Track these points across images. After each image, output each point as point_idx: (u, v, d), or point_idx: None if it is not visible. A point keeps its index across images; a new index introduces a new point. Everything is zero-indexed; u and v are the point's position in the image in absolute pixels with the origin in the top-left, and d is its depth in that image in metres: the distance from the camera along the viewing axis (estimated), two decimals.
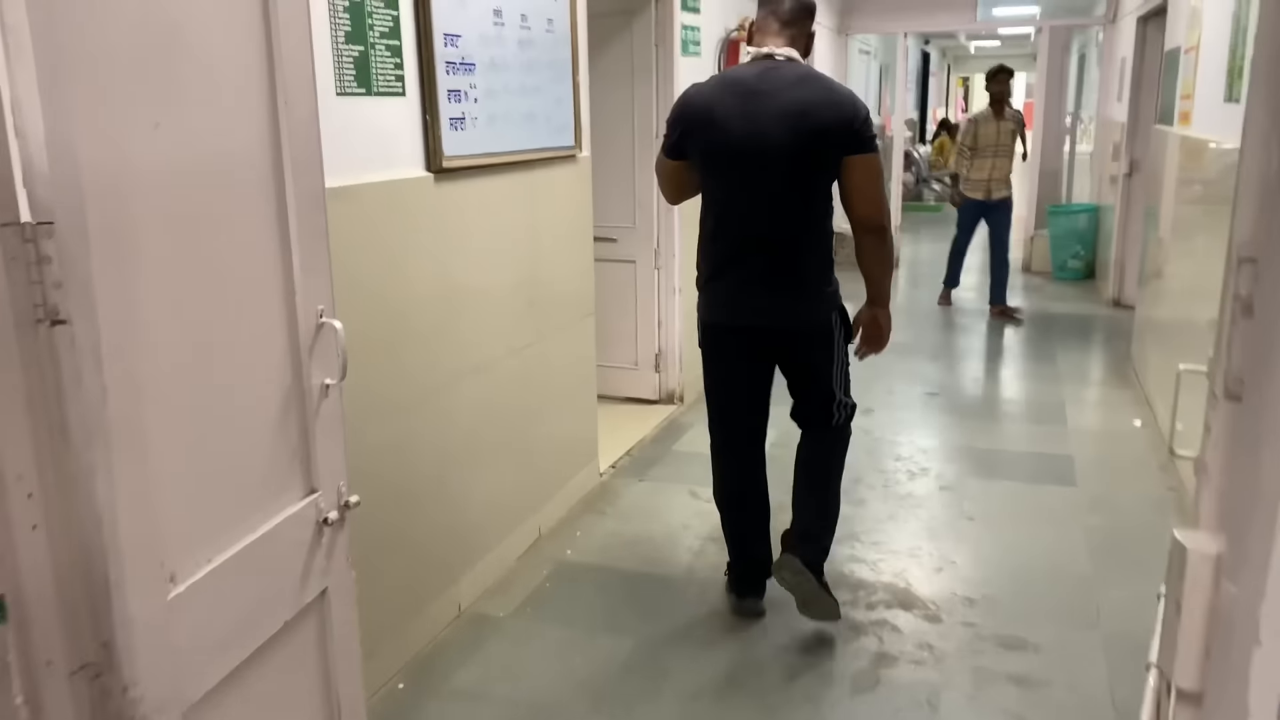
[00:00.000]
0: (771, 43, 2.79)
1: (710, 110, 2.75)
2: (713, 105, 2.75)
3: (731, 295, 2.85)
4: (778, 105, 2.69)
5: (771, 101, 2.70)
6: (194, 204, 1.32)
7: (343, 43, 2.45)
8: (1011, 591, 3.26)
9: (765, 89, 2.72)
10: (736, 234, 2.82)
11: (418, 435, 2.89)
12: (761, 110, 2.70)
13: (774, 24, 2.81)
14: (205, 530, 1.37)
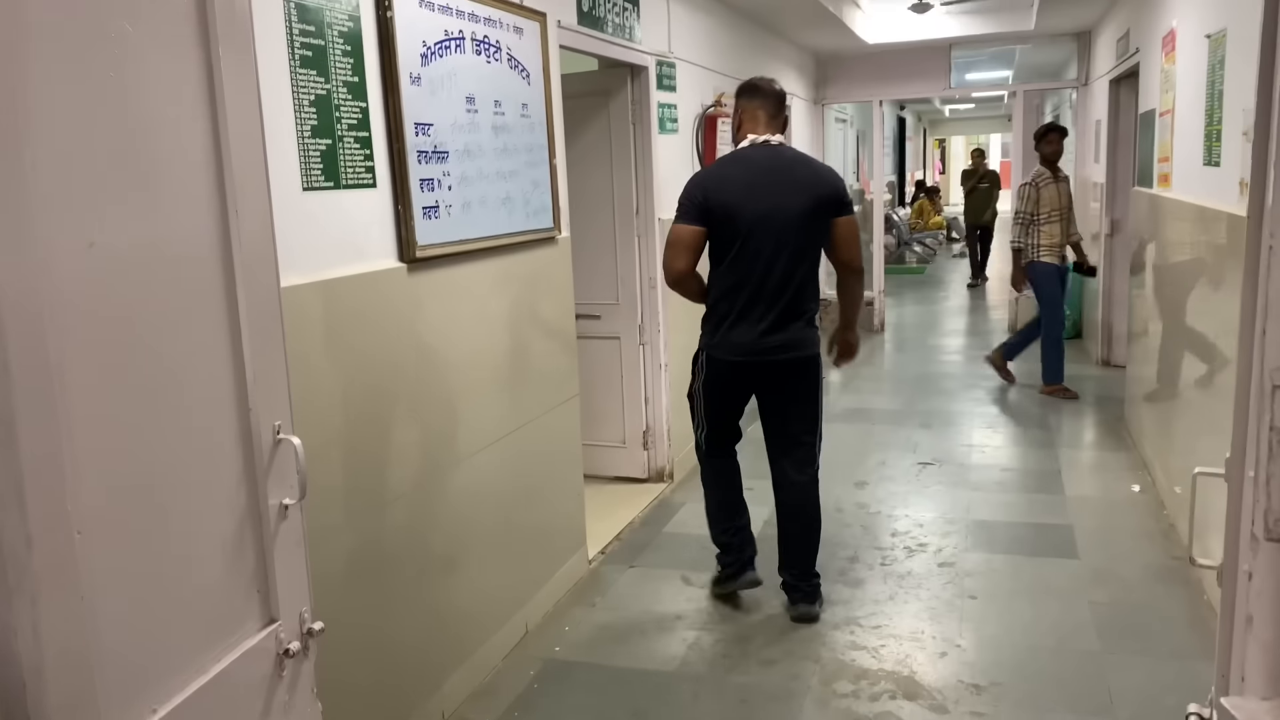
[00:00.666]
0: (764, 131, 3.42)
1: (733, 187, 3.34)
2: (733, 183, 3.35)
3: (746, 337, 3.38)
4: (790, 181, 3.35)
5: (784, 178, 3.35)
6: (133, 323, 1.23)
7: (309, 136, 2.39)
8: (1019, 676, 3.13)
9: (777, 168, 3.38)
10: (760, 284, 3.35)
11: (396, 533, 2.77)
12: (778, 185, 3.33)
13: (764, 116, 3.43)
14: (150, 677, 1.25)
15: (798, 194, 3.33)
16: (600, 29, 4.17)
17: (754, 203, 3.30)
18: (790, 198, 3.32)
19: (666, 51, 4.99)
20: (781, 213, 3.30)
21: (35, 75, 1.07)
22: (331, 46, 2.45)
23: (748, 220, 3.30)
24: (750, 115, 3.45)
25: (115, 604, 1.19)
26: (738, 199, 3.31)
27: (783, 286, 3.35)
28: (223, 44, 1.37)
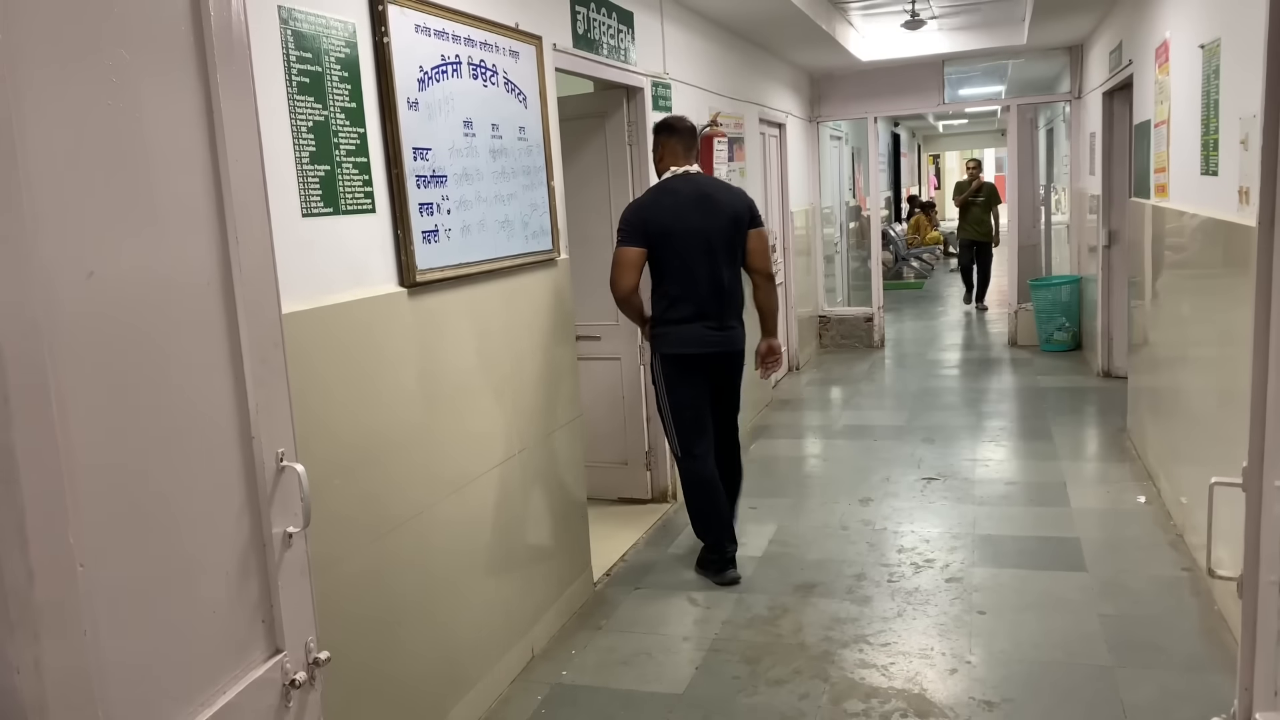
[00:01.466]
0: (683, 163, 4.01)
1: (666, 212, 3.88)
2: (666, 209, 3.89)
3: (700, 334, 3.96)
4: (711, 203, 3.95)
5: (707, 201, 3.94)
6: (134, 354, 1.22)
7: (307, 163, 2.39)
8: (1031, 692, 3.10)
9: (705, 193, 3.97)
10: (702, 291, 3.92)
11: (399, 560, 2.74)
12: (703, 208, 3.92)
13: (681, 150, 4.02)
14: (154, 711, 1.23)
15: (719, 214, 3.93)
16: (595, 51, 4.18)
17: (685, 223, 3.87)
18: (713, 218, 3.92)
19: (662, 72, 5.01)
20: (708, 230, 3.90)
21: (32, 103, 1.06)
22: (328, 73, 2.45)
23: (682, 239, 3.86)
24: (670, 150, 4.01)
25: (119, 638, 1.17)
26: (672, 222, 3.86)
27: (717, 293, 3.95)
28: (221, 71, 1.37)
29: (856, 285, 11.25)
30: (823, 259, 9.60)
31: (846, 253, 11.21)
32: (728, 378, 4.12)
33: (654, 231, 3.85)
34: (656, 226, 3.86)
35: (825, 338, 9.59)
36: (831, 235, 10.31)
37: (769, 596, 3.90)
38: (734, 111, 6.32)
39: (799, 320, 8.53)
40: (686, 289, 3.92)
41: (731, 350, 4.04)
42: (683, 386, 4.01)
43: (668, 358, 3.99)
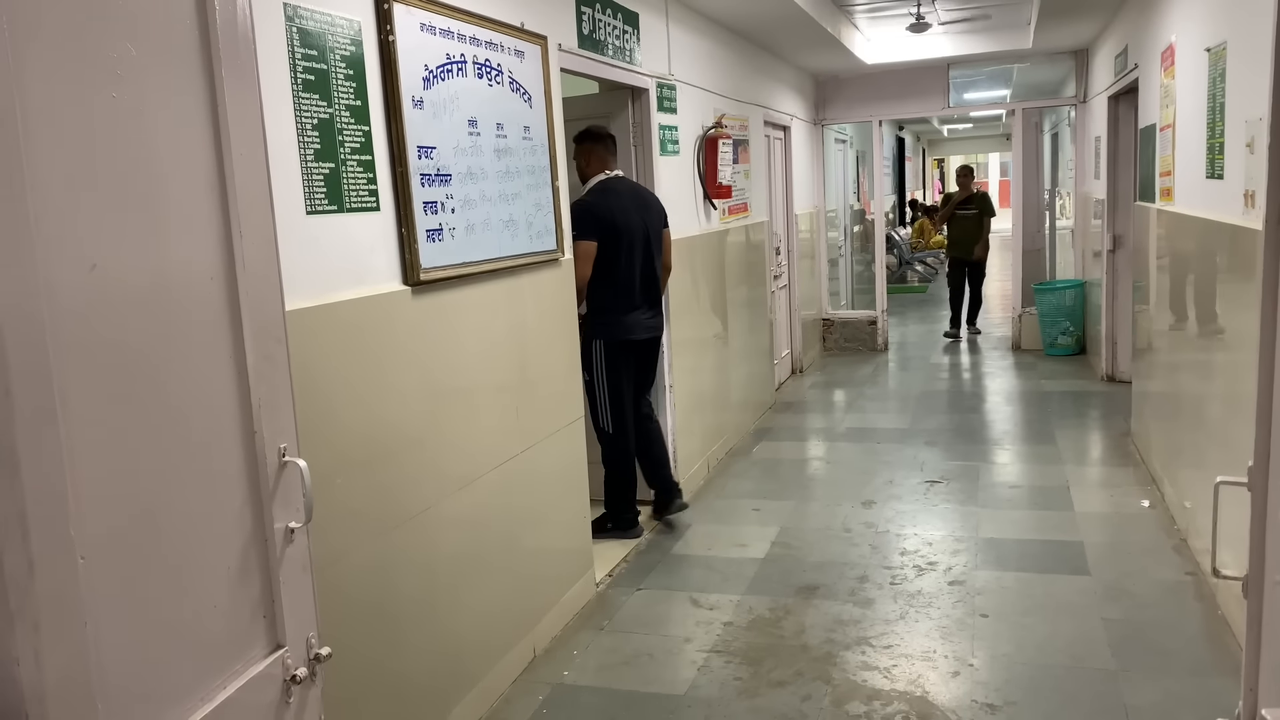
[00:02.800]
0: (611, 166, 4.40)
1: (615, 211, 4.28)
2: (615, 208, 4.28)
3: (638, 321, 4.45)
4: (643, 202, 4.45)
5: (639, 200, 4.43)
6: (137, 347, 1.22)
7: (312, 161, 2.39)
8: (1034, 695, 3.09)
9: (638, 193, 4.48)
10: (638, 283, 4.40)
11: (401, 557, 2.74)
12: (638, 206, 4.40)
13: (607, 154, 4.39)
14: (155, 705, 1.23)
15: (649, 211, 4.46)
16: (601, 52, 4.18)
17: (628, 220, 4.31)
18: (647, 215, 4.43)
19: (667, 74, 5.01)
20: (645, 227, 4.39)
21: (36, 95, 1.06)
22: (334, 70, 2.45)
23: (627, 235, 4.30)
24: (597, 156, 4.36)
25: (119, 630, 1.17)
26: (619, 219, 4.27)
27: (649, 283, 4.47)
28: (226, 66, 1.37)
29: (860, 289, 11.24)
30: (827, 262, 9.60)
31: (850, 256, 11.20)
32: (653, 358, 4.71)
33: (605, 227, 4.22)
34: (608, 223, 4.23)
35: (829, 340, 9.58)
36: (835, 238, 10.31)
37: (771, 598, 3.89)
38: (739, 113, 6.32)
39: (803, 323, 8.52)
40: (627, 280, 4.35)
41: (660, 334, 4.67)
42: (620, 370, 4.41)
43: (611, 344, 4.38)
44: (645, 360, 4.63)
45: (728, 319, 6.07)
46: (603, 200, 4.29)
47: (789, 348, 8.35)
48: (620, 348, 4.42)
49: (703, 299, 5.57)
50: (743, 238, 6.43)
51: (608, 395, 4.42)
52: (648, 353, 4.62)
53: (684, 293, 5.20)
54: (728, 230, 6.06)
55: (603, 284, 4.30)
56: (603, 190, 4.33)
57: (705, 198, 5.62)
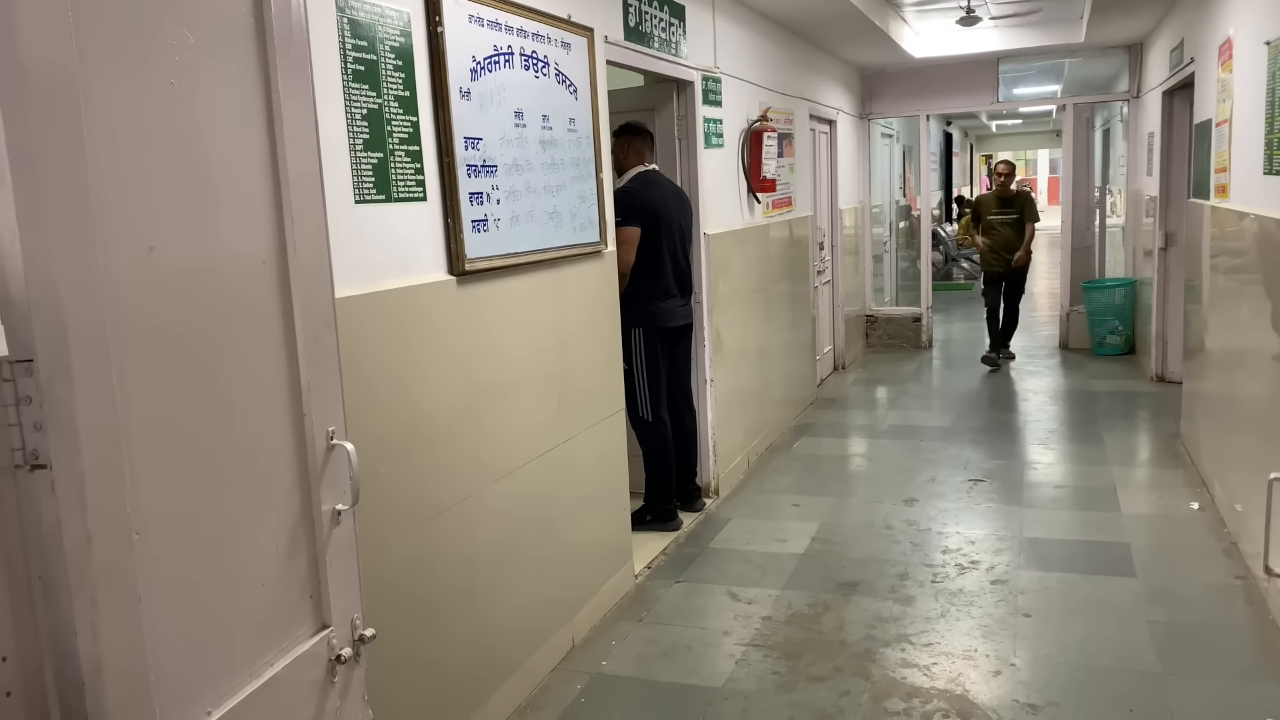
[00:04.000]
0: (650, 161, 4.51)
1: (655, 200, 4.38)
2: (656, 197, 4.38)
3: (673, 308, 4.55)
4: (678, 196, 4.60)
5: (675, 194, 4.58)
6: (192, 329, 1.24)
7: (361, 150, 2.42)
8: (1076, 696, 3.05)
9: (675, 187, 4.64)
10: (672, 272, 4.50)
11: (442, 545, 2.77)
12: (674, 199, 4.52)
13: (646, 150, 4.50)
14: (204, 681, 1.26)
15: (684, 205, 4.60)
16: (647, 44, 4.18)
17: (667, 211, 4.42)
18: (682, 207, 4.57)
19: (712, 66, 5.00)
20: (680, 219, 4.52)
21: (98, 82, 1.09)
22: (383, 61, 2.48)
23: (665, 224, 4.40)
24: (635, 149, 4.46)
25: (171, 606, 1.20)
26: (660, 208, 4.37)
27: (684, 273, 4.59)
28: (280, 55, 1.39)
29: (905, 285, 11.14)
30: (871, 258, 9.52)
31: (895, 252, 11.11)
32: (688, 345, 4.80)
33: (649, 215, 4.32)
34: (650, 211, 4.33)
35: (872, 337, 9.51)
36: (880, 234, 10.22)
37: (810, 594, 3.88)
38: (784, 107, 6.29)
39: (846, 319, 8.47)
40: (665, 269, 4.46)
41: (692, 321, 4.76)
42: (658, 357, 4.51)
43: (650, 332, 4.46)
44: (681, 347, 4.70)
45: (770, 314, 6.05)
46: (645, 189, 4.37)
47: (831, 344, 8.31)
48: (658, 335, 4.49)
49: (745, 293, 5.56)
50: (786, 232, 6.41)
51: (646, 383, 4.48)
52: (683, 340, 4.70)
53: (726, 287, 5.19)
54: (771, 224, 6.04)
55: (642, 272, 4.37)
56: (644, 181, 4.41)
57: (749, 191, 5.60)
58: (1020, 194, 8.34)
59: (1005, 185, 8.34)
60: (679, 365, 4.72)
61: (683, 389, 4.76)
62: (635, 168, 4.44)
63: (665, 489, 4.63)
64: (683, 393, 4.76)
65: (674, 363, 4.67)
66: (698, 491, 4.93)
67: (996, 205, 8.28)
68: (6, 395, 1.01)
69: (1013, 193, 8.30)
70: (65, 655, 1.05)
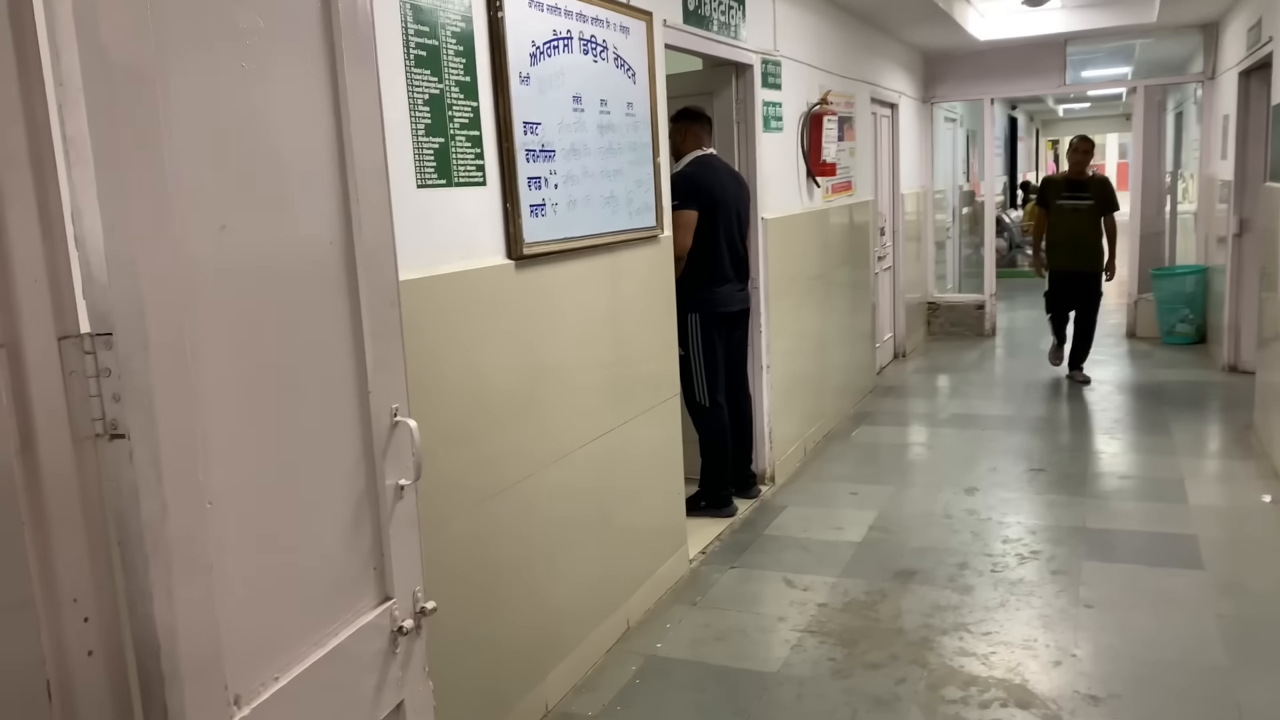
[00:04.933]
0: (708, 145, 4.48)
1: (714, 184, 4.38)
2: (714, 181, 4.39)
3: (731, 294, 4.55)
4: (736, 180, 4.60)
5: (738, 180, 4.60)
6: (262, 306, 1.28)
7: (423, 135, 2.45)
8: (1139, 689, 3.00)
9: (733, 172, 4.62)
10: (729, 257, 4.50)
11: (500, 526, 2.81)
12: (732, 183, 4.53)
13: (706, 136, 4.49)
14: (272, 647, 1.30)
15: (742, 189, 4.59)
16: (706, 27, 4.17)
17: (725, 195, 4.41)
18: (740, 192, 4.56)
19: (772, 49, 4.96)
20: (737, 203, 4.51)
21: (173, 60, 1.12)
22: (445, 47, 2.51)
23: (724, 209, 4.40)
24: (693, 134, 4.44)
25: (241, 574, 1.23)
26: (718, 193, 4.37)
27: (742, 259, 4.60)
28: (346, 40, 1.42)
29: (967, 272, 10.98)
30: (933, 244, 9.39)
31: (958, 238, 10.94)
32: (745, 331, 4.78)
33: (706, 199, 4.32)
34: (708, 195, 4.33)
35: (933, 325, 9.39)
36: (943, 220, 10.07)
37: (867, 581, 3.86)
38: (845, 90, 6.23)
39: (907, 306, 8.37)
40: (722, 254, 4.45)
41: (749, 307, 4.75)
42: (715, 343, 4.51)
43: (708, 317, 4.46)
44: (737, 333, 4.69)
45: (829, 300, 6.01)
46: (702, 173, 4.37)
47: (892, 331, 8.22)
48: (715, 321, 4.49)
49: (803, 280, 5.53)
50: (846, 217, 6.35)
51: (704, 369, 4.48)
52: (740, 325, 4.70)
53: (784, 273, 5.17)
54: (831, 209, 5.99)
55: (699, 257, 4.37)
56: (702, 165, 4.41)
57: (808, 175, 5.56)
58: (1097, 178, 7.06)
59: (1082, 167, 6.97)
60: (735, 351, 4.71)
61: (738, 375, 4.76)
62: (693, 152, 4.43)
63: (721, 475, 4.62)
64: (738, 379, 4.76)
65: (730, 348, 4.66)
66: (753, 478, 4.91)
67: (1066, 188, 6.99)
68: (88, 367, 1.05)
69: (1088, 176, 7.01)
70: (142, 618, 1.10)
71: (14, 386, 1.00)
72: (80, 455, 1.06)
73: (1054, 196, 6.99)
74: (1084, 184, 6.92)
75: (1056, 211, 6.92)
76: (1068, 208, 6.88)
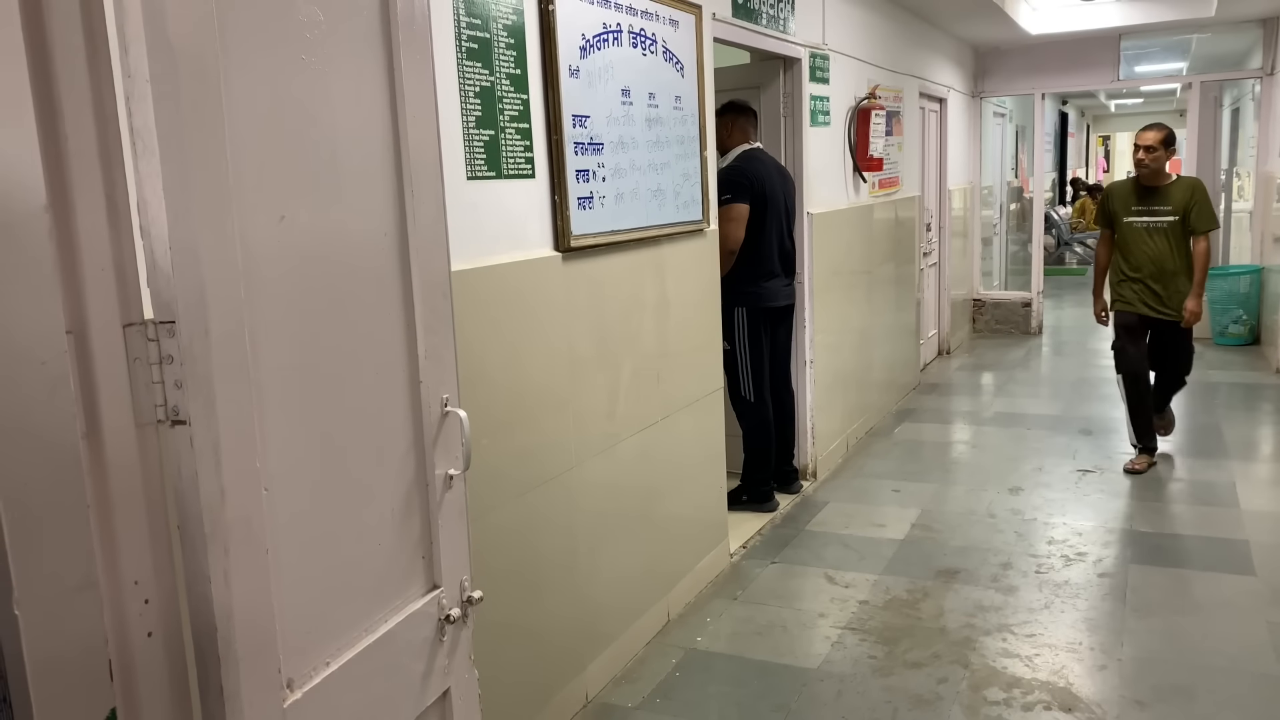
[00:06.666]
0: (752, 139, 4.46)
1: (763, 178, 4.36)
2: (761, 176, 4.35)
3: (777, 289, 4.52)
4: (783, 174, 4.54)
5: (784, 174, 4.56)
6: (317, 296, 1.30)
7: (473, 128, 2.47)
8: (1187, 695, 2.95)
9: (779, 165, 4.57)
10: (776, 250, 4.48)
11: (543, 517, 2.83)
12: (779, 177, 4.47)
13: (752, 129, 4.48)
14: (324, 633, 1.32)
15: (788, 183, 4.56)
16: (754, 21, 4.15)
17: (773, 189, 4.38)
18: (786, 186, 4.52)
19: (820, 43, 4.93)
20: (785, 197, 4.48)
21: (235, 56, 1.14)
22: (496, 40, 2.52)
23: (771, 204, 4.37)
24: (739, 128, 4.42)
25: (295, 559, 1.25)
26: (767, 187, 4.34)
27: (789, 253, 4.58)
28: (403, 33, 1.43)
29: (1014, 269, 10.83)
30: (980, 240, 9.28)
31: (1005, 235, 10.80)
32: (789, 325, 4.75)
33: (758, 193, 4.32)
34: (759, 189, 4.32)
35: (979, 322, 9.29)
36: (990, 216, 9.95)
37: (909, 580, 3.83)
38: (893, 84, 6.17)
39: (952, 303, 8.28)
40: (769, 248, 4.43)
41: (794, 302, 4.74)
42: (761, 338, 4.51)
43: (754, 311, 4.46)
44: (782, 329, 4.68)
45: (873, 296, 5.96)
46: (751, 166, 4.35)
47: (936, 328, 8.14)
48: (761, 315, 4.49)
49: (848, 274, 5.49)
50: (892, 213, 6.29)
51: (750, 364, 4.48)
52: (784, 320, 4.68)
53: (829, 267, 5.14)
54: (877, 204, 5.94)
55: (746, 251, 4.36)
56: (749, 158, 4.39)
57: (855, 170, 5.52)
58: (1182, 183, 4.90)
59: (1156, 165, 4.82)
60: (780, 346, 4.70)
61: (782, 370, 4.75)
62: (739, 146, 4.42)
63: (763, 470, 4.62)
64: (781, 374, 4.75)
65: (775, 344, 4.65)
66: (795, 474, 4.90)
67: (1138, 199, 4.91)
68: (151, 354, 1.07)
69: (1169, 179, 4.90)
70: (200, 601, 1.12)
71: (80, 372, 1.02)
72: (142, 440, 1.08)
73: (1121, 210, 4.98)
74: (1161, 193, 4.88)
75: (1124, 232, 4.95)
76: (1142, 228, 4.90)
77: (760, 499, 4.61)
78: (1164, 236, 4.86)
